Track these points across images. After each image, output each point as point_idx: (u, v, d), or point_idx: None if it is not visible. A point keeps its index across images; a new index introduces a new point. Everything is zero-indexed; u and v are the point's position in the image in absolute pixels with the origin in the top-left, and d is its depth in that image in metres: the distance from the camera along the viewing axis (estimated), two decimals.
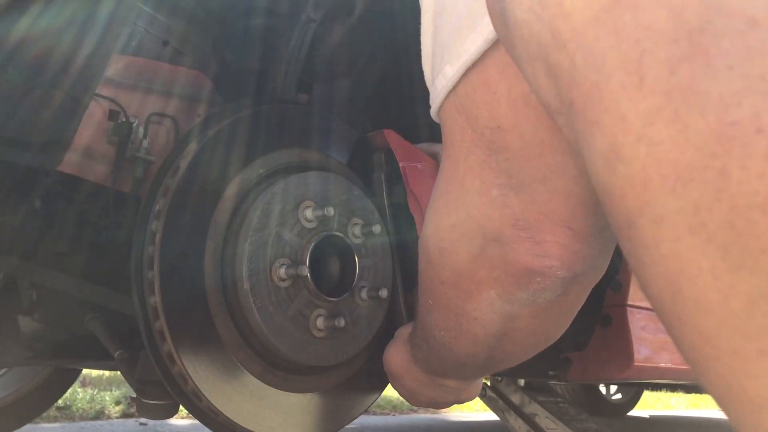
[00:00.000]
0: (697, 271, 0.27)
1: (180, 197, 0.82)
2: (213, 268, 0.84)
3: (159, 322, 0.81)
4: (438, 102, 0.54)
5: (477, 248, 0.55)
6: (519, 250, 0.52)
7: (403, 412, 3.72)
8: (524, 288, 0.55)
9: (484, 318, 0.60)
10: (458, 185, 0.55)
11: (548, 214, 0.50)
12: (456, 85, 0.50)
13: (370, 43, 1.24)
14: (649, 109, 0.28)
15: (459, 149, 0.53)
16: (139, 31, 1.09)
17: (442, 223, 0.58)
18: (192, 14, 1.12)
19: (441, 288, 0.61)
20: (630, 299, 1.22)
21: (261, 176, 0.90)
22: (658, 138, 0.28)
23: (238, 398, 0.84)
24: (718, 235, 0.26)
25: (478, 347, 0.64)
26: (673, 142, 0.28)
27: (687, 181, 0.27)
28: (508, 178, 0.51)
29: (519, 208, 0.51)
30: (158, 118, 1.09)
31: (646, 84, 0.29)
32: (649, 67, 0.29)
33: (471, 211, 0.54)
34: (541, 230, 0.51)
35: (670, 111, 0.28)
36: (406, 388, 0.89)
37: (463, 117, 0.51)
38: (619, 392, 4.15)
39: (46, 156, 0.78)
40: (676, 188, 0.28)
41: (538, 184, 0.49)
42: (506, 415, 1.53)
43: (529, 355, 0.70)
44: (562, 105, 0.34)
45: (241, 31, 1.14)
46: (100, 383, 3.42)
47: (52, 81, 0.75)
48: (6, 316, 1.14)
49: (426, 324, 0.69)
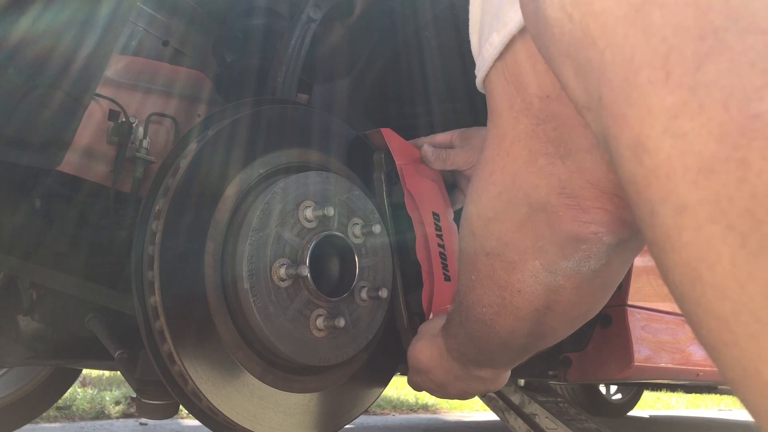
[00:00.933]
0: (717, 258, 0.28)
1: (180, 197, 0.82)
2: (213, 268, 0.84)
3: (159, 322, 0.80)
4: (484, 70, 0.54)
5: (523, 217, 0.56)
6: (565, 217, 0.53)
7: (403, 412, 3.72)
8: (569, 256, 0.55)
9: (528, 290, 0.60)
10: (504, 154, 0.55)
11: (595, 182, 0.51)
12: (503, 53, 0.51)
13: (370, 43, 1.24)
14: (675, 103, 0.30)
15: (506, 119, 0.53)
16: (139, 31, 1.09)
17: (488, 192, 0.58)
18: (192, 14, 1.12)
19: (485, 260, 0.61)
20: (630, 299, 1.22)
21: (261, 176, 0.90)
22: (683, 130, 0.29)
23: (238, 398, 0.84)
24: (738, 223, 0.27)
25: (520, 322, 0.64)
26: (696, 135, 0.29)
27: (709, 171, 0.28)
28: (556, 148, 0.52)
29: (566, 177, 0.52)
30: (158, 118, 1.09)
31: (672, 79, 0.30)
32: (676, 63, 0.30)
33: (517, 179, 0.54)
34: (587, 198, 0.52)
35: (694, 105, 0.29)
36: (436, 381, 0.89)
37: (512, 86, 0.52)
38: (619, 392, 4.15)
39: (46, 156, 0.77)
40: (699, 179, 0.29)
41: (585, 153, 0.50)
42: (506, 415, 1.54)
43: (568, 331, 0.69)
44: (591, 100, 0.36)
45: (241, 31, 1.14)
46: (100, 383, 3.42)
47: (52, 81, 0.75)
48: (6, 316, 1.14)
49: (467, 302, 0.69)
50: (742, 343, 0.28)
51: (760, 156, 0.27)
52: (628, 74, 0.32)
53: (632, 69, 0.31)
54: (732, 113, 0.28)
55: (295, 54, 1.04)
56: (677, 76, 0.30)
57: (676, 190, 0.30)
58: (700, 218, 0.29)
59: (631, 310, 1.22)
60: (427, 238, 0.99)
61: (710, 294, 0.29)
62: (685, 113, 0.29)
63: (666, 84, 0.30)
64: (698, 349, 1.50)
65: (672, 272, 0.32)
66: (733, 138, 0.28)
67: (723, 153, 0.28)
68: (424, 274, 0.99)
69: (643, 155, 0.31)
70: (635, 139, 0.32)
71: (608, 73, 0.33)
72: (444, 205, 1.03)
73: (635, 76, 0.31)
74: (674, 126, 0.30)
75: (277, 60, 1.03)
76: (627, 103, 0.32)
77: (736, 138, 0.27)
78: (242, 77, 1.13)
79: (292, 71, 1.04)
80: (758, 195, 0.27)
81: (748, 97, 0.27)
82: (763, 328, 0.27)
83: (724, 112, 0.28)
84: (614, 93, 0.33)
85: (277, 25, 1.12)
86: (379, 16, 1.21)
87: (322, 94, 1.26)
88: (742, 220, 0.27)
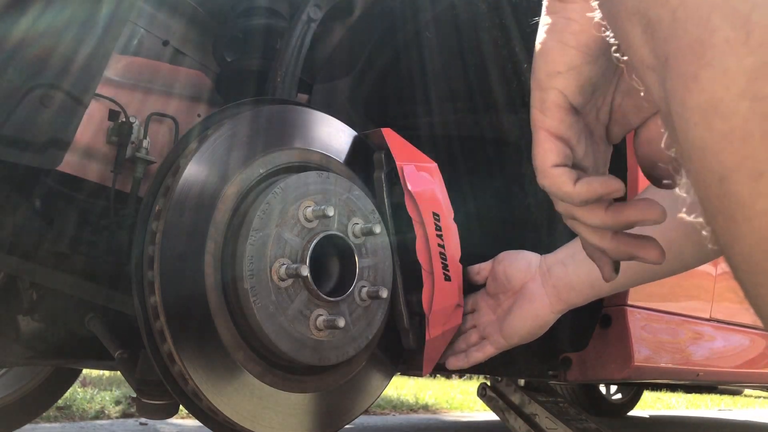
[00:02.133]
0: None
1: (180, 197, 0.82)
2: (213, 267, 0.84)
3: (159, 322, 0.81)
4: None
5: None
6: None
7: (403, 412, 3.72)
8: None
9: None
10: None
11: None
12: None
13: (370, 43, 1.24)
14: (755, 64, 0.28)
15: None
16: (139, 31, 1.09)
17: None
18: (192, 14, 1.12)
19: None
20: (630, 299, 1.22)
21: (261, 176, 0.90)
22: (763, 94, 0.28)
23: (238, 398, 0.84)
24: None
25: None
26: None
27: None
28: None
29: None
30: (158, 118, 1.09)
31: (753, 38, 0.28)
32: (758, 22, 0.28)
33: None
34: None
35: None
36: None
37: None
38: (619, 392, 4.15)
39: (46, 156, 0.77)
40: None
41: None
42: (506, 415, 1.54)
43: None
44: (657, 61, 0.34)
45: (242, 31, 1.14)
46: (100, 383, 3.42)
47: (52, 81, 0.75)
48: (6, 316, 1.14)
49: None
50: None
51: None
52: (703, 33, 0.30)
53: (708, 28, 0.30)
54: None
55: (295, 54, 1.04)
56: (758, 35, 0.28)
57: (754, 155, 0.28)
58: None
59: (631, 310, 1.22)
60: (427, 238, 0.99)
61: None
62: (765, 75, 0.28)
63: (746, 44, 0.28)
64: (698, 348, 1.50)
65: (741, 242, 0.30)
66: None
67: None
68: (425, 274, 0.99)
69: (714, 119, 0.30)
70: (707, 101, 0.30)
71: (680, 31, 0.32)
72: (444, 205, 1.03)
73: (711, 35, 0.30)
74: (754, 88, 0.28)
75: (277, 60, 1.03)
76: (700, 63, 0.30)
77: None
78: (242, 77, 1.13)
79: (292, 71, 1.04)
80: None
81: None
82: None
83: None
84: (684, 53, 0.31)
85: (278, 25, 1.12)
86: (379, 16, 1.21)
87: (322, 94, 1.27)
88: None
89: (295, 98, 1.05)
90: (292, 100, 1.03)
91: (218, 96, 1.17)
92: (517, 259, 1.04)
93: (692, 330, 1.47)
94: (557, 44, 0.49)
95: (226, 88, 1.16)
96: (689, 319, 1.47)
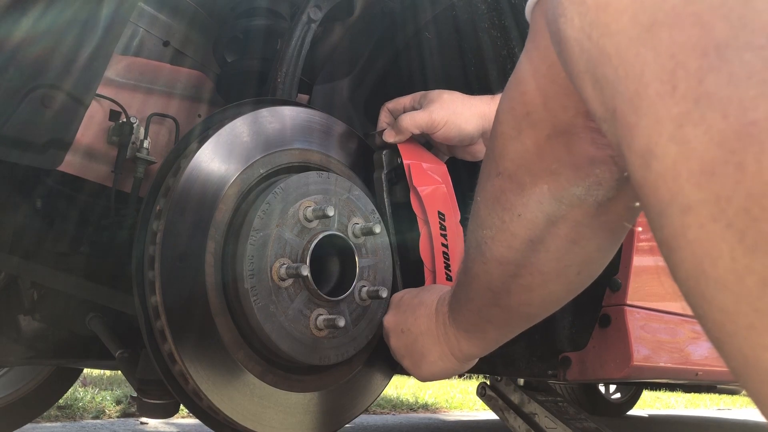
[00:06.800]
0: (718, 253, 0.31)
1: (181, 197, 0.82)
2: (214, 267, 0.84)
3: (160, 322, 0.81)
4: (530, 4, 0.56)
5: (544, 138, 0.58)
6: (585, 139, 0.56)
7: (403, 412, 3.73)
8: (581, 181, 0.58)
9: (529, 216, 0.62)
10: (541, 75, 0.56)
11: None
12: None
13: (370, 43, 1.25)
14: (680, 113, 0.33)
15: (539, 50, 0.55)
16: (140, 31, 1.09)
17: (515, 111, 0.60)
18: (193, 15, 1.12)
19: (496, 180, 0.64)
20: (629, 299, 1.22)
21: (261, 176, 0.90)
22: (687, 138, 0.32)
23: (239, 397, 0.84)
24: (736, 221, 0.30)
25: (511, 253, 0.66)
26: (699, 141, 0.32)
27: (710, 174, 0.31)
28: None
29: None
30: (159, 118, 1.09)
31: (678, 92, 0.33)
32: (681, 77, 0.33)
33: (549, 100, 0.56)
34: None
35: (697, 114, 0.32)
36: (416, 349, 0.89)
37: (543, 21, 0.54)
38: (618, 392, 4.15)
39: (47, 156, 0.78)
40: (701, 181, 0.32)
41: None
42: (506, 415, 1.54)
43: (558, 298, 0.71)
44: (607, 112, 0.39)
45: (242, 31, 1.14)
46: (101, 383, 3.42)
47: (53, 81, 0.75)
48: (7, 316, 1.14)
49: (471, 227, 0.71)
50: (743, 332, 0.31)
51: (754, 159, 0.29)
52: (639, 88, 0.35)
53: (642, 83, 0.35)
54: (730, 121, 0.31)
55: (296, 54, 1.04)
56: (682, 88, 0.33)
57: (681, 191, 0.32)
58: (702, 217, 0.32)
59: (630, 310, 1.22)
60: (431, 236, 0.99)
61: (713, 287, 0.32)
62: (689, 122, 0.32)
63: (672, 96, 0.33)
64: (697, 348, 1.50)
65: (679, 269, 0.34)
66: (730, 143, 0.30)
67: (722, 157, 0.31)
68: (427, 273, 0.99)
69: (651, 161, 0.34)
70: (645, 146, 0.35)
71: (621, 87, 0.37)
72: (450, 206, 1.03)
73: (645, 89, 0.35)
74: (680, 134, 0.33)
75: (278, 60, 1.04)
76: (637, 114, 0.35)
77: (733, 143, 0.30)
78: (243, 77, 1.14)
79: (292, 71, 1.04)
80: (753, 195, 0.29)
81: (744, 106, 0.30)
82: (760, 318, 0.30)
83: (723, 120, 0.31)
84: (626, 105, 0.36)
85: (278, 25, 1.12)
86: (379, 16, 1.21)
87: (322, 94, 1.27)
88: (740, 219, 0.30)
89: (296, 98, 1.06)
90: (293, 100, 1.03)
91: (219, 96, 1.18)
92: None
93: (691, 329, 1.47)
94: None
95: (227, 88, 1.16)
96: (688, 318, 1.47)
